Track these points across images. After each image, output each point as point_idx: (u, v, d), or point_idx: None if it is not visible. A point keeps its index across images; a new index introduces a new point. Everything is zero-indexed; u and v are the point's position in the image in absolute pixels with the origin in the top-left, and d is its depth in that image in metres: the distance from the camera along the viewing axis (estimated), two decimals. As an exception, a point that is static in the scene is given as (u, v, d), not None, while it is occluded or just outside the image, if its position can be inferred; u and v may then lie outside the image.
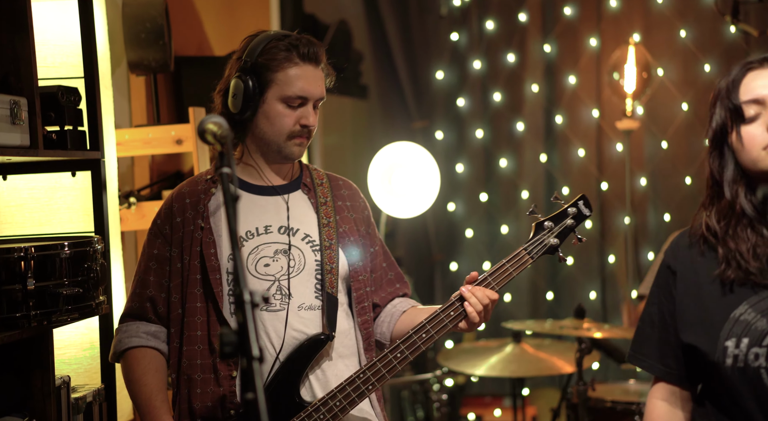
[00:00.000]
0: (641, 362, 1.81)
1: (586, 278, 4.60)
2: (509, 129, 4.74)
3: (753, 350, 1.62)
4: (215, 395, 1.95)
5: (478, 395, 4.82)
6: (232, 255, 1.95)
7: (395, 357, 1.95)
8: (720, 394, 1.68)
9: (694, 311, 1.71)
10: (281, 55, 1.97)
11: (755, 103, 1.65)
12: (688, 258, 1.74)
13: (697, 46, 4.43)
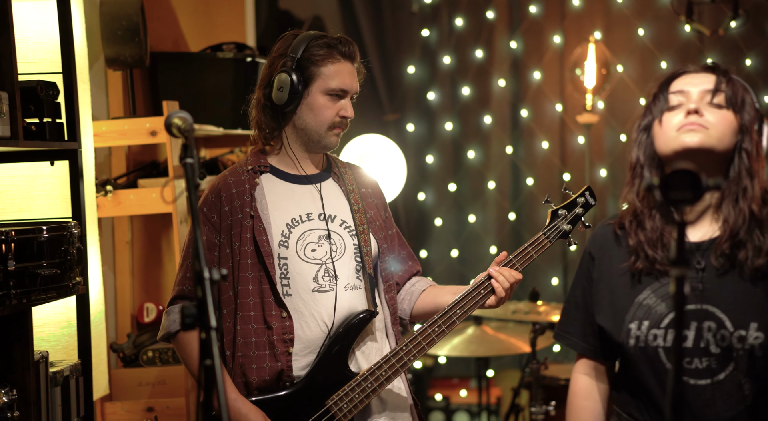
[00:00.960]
0: (566, 340, 1.99)
1: (548, 265, 4.79)
2: (477, 122, 4.92)
3: (652, 331, 1.78)
4: (273, 370, 2.12)
5: (446, 377, 5.00)
6: (282, 241, 2.16)
7: (433, 331, 2.15)
8: (629, 372, 1.85)
9: (606, 295, 1.88)
10: (324, 51, 2.18)
11: (680, 94, 1.81)
12: (606, 247, 1.90)
13: (654, 44, 4.63)
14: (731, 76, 1.82)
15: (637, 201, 1.85)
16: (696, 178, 1.33)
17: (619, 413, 1.90)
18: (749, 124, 1.78)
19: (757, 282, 1.74)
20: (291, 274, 2.16)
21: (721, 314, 1.74)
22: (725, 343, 1.73)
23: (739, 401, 1.73)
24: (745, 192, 1.76)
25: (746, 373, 1.73)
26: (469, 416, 4.88)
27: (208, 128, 3.12)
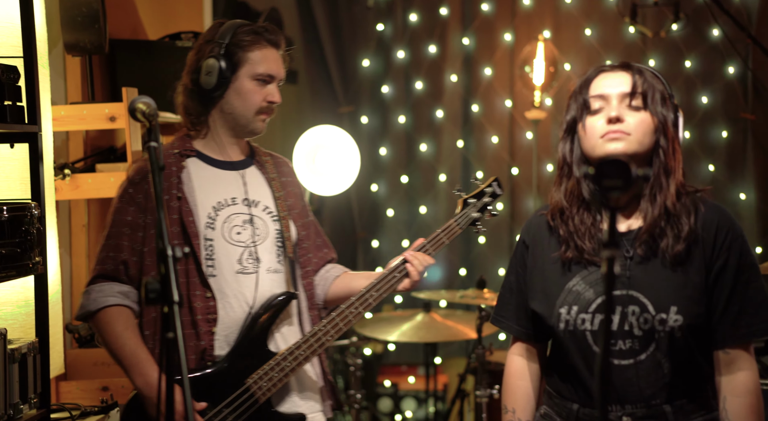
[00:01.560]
0: (501, 324, 2.09)
1: (496, 255, 4.95)
2: (429, 116, 5.04)
3: (581, 315, 1.90)
4: (196, 349, 2.18)
5: (395, 364, 5.13)
6: (208, 223, 2.22)
7: (350, 312, 2.24)
8: (560, 353, 1.96)
9: (539, 282, 1.98)
10: (252, 37, 2.25)
11: (600, 98, 1.90)
12: (539, 236, 2.00)
13: (600, 44, 4.80)
14: (645, 74, 1.91)
15: (565, 201, 1.95)
16: (625, 167, 1.45)
17: (550, 393, 2.02)
18: (665, 122, 1.89)
19: (677, 268, 1.86)
20: (216, 255, 2.22)
21: (645, 299, 1.86)
22: (647, 326, 1.86)
23: (659, 379, 1.86)
24: (661, 188, 1.88)
25: (666, 353, 1.86)
26: (416, 402, 5.01)
27: (167, 115, 3.17)
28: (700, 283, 1.87)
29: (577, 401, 1.92)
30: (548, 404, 2.01)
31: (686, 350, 1.87)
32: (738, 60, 4.63)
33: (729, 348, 1.88)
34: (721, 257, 1.87)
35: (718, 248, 1.87)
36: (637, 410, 1.87)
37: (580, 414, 1.91)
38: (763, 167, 4.62)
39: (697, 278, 1.87)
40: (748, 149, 4.64)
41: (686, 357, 1.87)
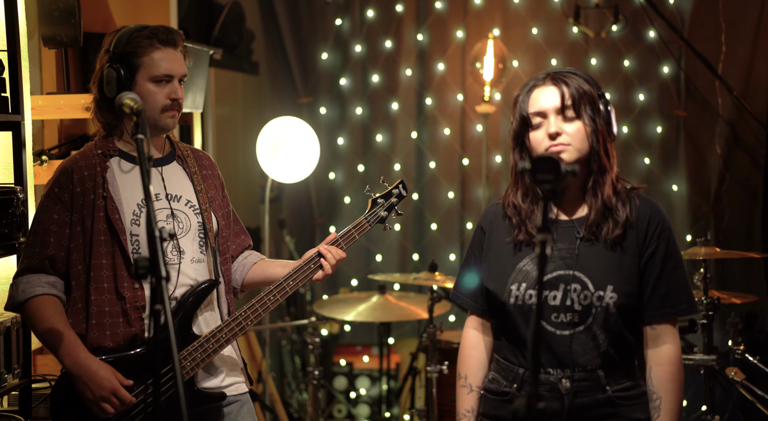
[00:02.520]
0: (459, 300, 2.34)
1: (447, 242, 5.22)
2: (385, 108, 5.28)
3: (528, 291, 2.16)
4: (127, 335, 2.34)
5: (350, 344, 5.37)
6: (134, 219, 2.37)
7: (269, 300, 2.44)
8: (510, 326, 2.22)
9: (493, 263, 2.24)
10: (145, 42, 2.35)
11: (538, 115, 2.16)
12: (495, 222, 2.27)
13: (546, 42, 5.08)
14: (571, 83, 2.15)
15: (520, 201, 2.22)
16: (555, 164, 1.71)
17: (497, 359, 2.28)
18: (596, 127, 2.14)
19: (615, 249, 2.14)
20: (142, 249, 2.37)
21: (586, 278, 2.13)
22: (587, 301, 2.13)
23: (594, 348, 2.13)
24: (600, 184, 2.15)
25: (601, 326, 2.13)
26: (370, 380, 5.27)
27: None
28: (633, 266, 2.14)
29: (523, 366, 2.19)
30: (496, 370, 2.27)
31: (618, 324, 2.14)
32: (672, 60, 4.95)
33: (656, 324, 2.16)
34: (651, 245, 2.15)
35: (649, 237, 2.15)
36: (574, 374, 2.13)
37: (524, 377, 2.18)
38: (694, 161, 4.96)
39: (631, 261, 2.14)
40: (680, 144, 4.97)
41: (618, 330, 2.15)
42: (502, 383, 2.23)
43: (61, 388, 2.35)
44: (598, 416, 2.14)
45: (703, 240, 3.65)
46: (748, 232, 4.88)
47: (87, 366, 2.29)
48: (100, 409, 2.30)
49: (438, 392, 3.90)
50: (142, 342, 2.36)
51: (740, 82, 4.82)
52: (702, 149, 4.93)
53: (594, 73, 5.00)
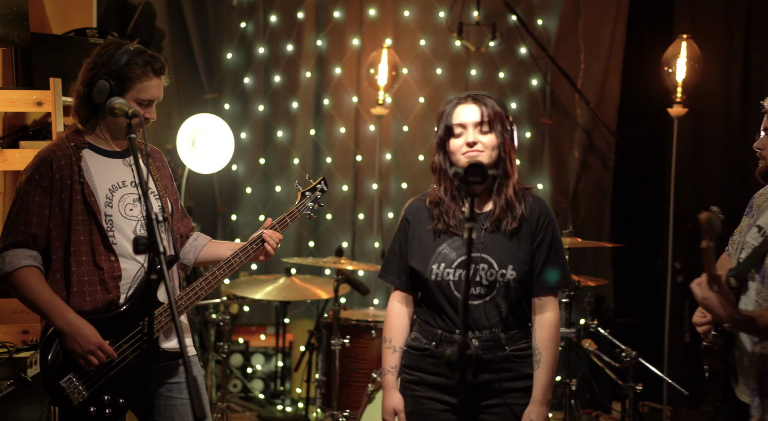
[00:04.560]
0: (387, 278, 2.82)
1: (340, 231, 5.73)
2: (286, 106, 5.72)
3: (446, 270, 2.68)
4: (105, 300, 2.72)
5: (247, 324, 5.80)
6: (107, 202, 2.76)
7: (220, 273, 2.88)
8: (431, 298, 2.74)
9: (417, 247, 2.74)
10: (139, 71, 2.74)
11: (460, 126, 2.68)
12: (419, 215, 2.77)
13: (432, 53, 5.69)
14: (488, 104, 2.68)
15: (443, 194, 2.73)
16: (483, 169, 2.28)
17: (419, 322, 2.79)
18: (504, 140, 2.69)
19: (513, 237, 2.69)
20: (115, 227, 2.78)
21: (491, 259, 2.67)
22: (492, 278, 2.66)
23: (497, 315, 2.67)
24: (504, 187, 2.70)
25: (503, 297, 2.66)
26: (264, 357, 5.72)
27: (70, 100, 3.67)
28: (527, 250, 2.70)
29: (440, 328, 2.71)
30: (418, 331, 2.78)
31: (516, 296, 2.69)
32: (539, 74, 5.67)
33: (542, 296, 2.72)
34: (540, 234, 2.71)
35: (539, 227, 2.71)
36: (482, 335, 2.67)
37: (442, 336, 2.70)
38: (556, 163, 5.70)
39: (525, 246, 2.70)
40: (545, 148, 5.70)
41: (516, 301, 2.69)
42: (423, 341, 2.73)
43: (51, 345, 2.70)
44: (497, 369, 2.67)
45: (568, 232, 4.34)
46: (599, 226, 5.69)
47: (76, 325, 2.67)
48: (87, 361, 2.68)
49: (341, 362, 4.41)
50: (117, 306, 2.75)
51: (595, 95, 5.60)
52: (563, 153, 5.68)
53: (473, 83, 5.66)
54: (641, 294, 5.62)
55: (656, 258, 5.52)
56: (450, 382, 2.66)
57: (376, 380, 4.13)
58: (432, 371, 2.70)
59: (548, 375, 2.67)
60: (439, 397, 2.69)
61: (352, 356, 4.62)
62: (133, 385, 2.76)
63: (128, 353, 2.75)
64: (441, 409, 2.69)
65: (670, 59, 5.11)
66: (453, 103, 2.72)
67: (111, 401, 2.72)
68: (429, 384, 2.70)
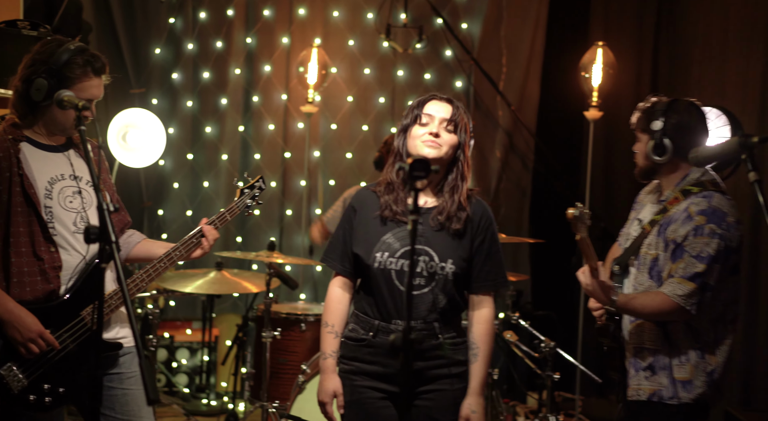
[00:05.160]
0: (330, 263, 2.90)
1: (268, 226, 5.80)
2: (215, 102, 5.75)
3: (389, 259, 2.78)
4: (46, 290, 2.75)
5: (173, 319, 5.80)
6: (46, 194, 2.78)
7: (160, 266, 2.92)
8: (370, 285, 2.83)
9: (363, 234, 2.83)
10: (79, 71, 2.75)
11: (428, 116, 2.77)
12: (365, 203, 2.86)
13: (361, 53, 5.81)
14: (460, 109, 2.80)
15: (394, 176, 2.83)
16: (427, 164, 2.41)
17: (357, 313, 2.89)
18: (464, 144, 2.80)
19: (455, 237, 2.80)
20: (55, 219, 2.80)
21: (433, 253, 2.77)
22: (432, 270, 2.77)
23: (433, 305, 2.78)
24: (457, 189, 2.80)
25: (441, 289, 2.78)
26: (189, 351, 5.74)
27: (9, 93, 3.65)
28: (468, 247, 2.81)
29: (378, 318, 2.81)
30: (355, 322, 2.87)
31: (453, 289, 2.81)
32: (464, 76, 5.87)
33: (480, 294, 2.85)
34: (480, 234, 2.83)
35: (480, 228, 2.82)
36: (417, 324, 2.78)
37: (379, 327, 2.80)
38: (479, 163, 5.90)
39: (466, 244, 2.81)
40: (469, 148, 5.91)
41: (452, 293, 2.81)
42: (360, 332, 2.83)
43: None
44: (431, 357, 2.79)
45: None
46: (518, 223, 5.93)
47: (17, 313, 2.69)
48: (27, 349, 2.70)
49: (272, 354, 4.49)
50: (57, 297, 2.77)
51: (516, 98, 5.84)
52: (485, 153, 5.89)
53: (400, 83, 5.81)
54: (557, 288, 5.89)
55: (572, 254, 5.80)
56: (387, 371, 2.76)
57: (306, 372, 4.23)
58: (369, 360, 2.79)
59: (485, 368, 2.81)
60: (376, 385, 2.79)
61: (282, 348, 4.70)
62: (73, 374, 2.79)
63: (69, 343, 2.77)
64: (378, 397, 2.78)
65: (586, 65, 5.37)
66: (428, 97, 2.82)
67: (51, 390, 2.75)
68: (366, 373, 2.79)
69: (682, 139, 2.86)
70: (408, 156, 2.77)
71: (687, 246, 2.76)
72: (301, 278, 5.62)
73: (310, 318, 4.73)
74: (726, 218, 2.78)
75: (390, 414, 2.77)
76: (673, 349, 2.84)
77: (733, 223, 2.78)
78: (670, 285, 2.77)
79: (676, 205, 2.85)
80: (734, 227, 2.78)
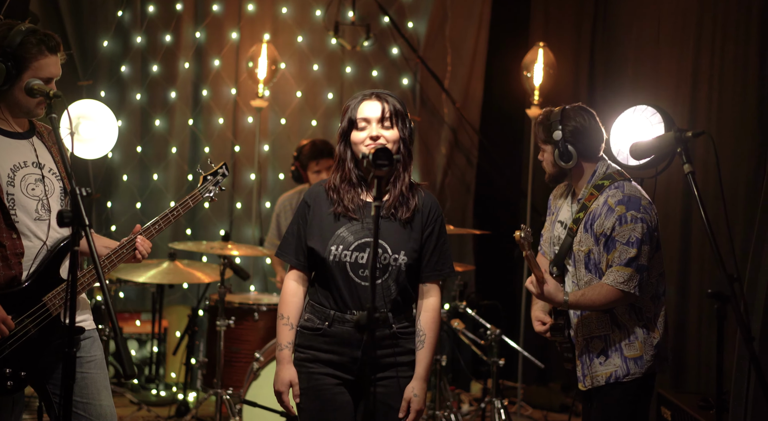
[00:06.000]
0: (284, 257, 2.97)
1: (218, 219, 5.86)
2: (164, 96, 5.78)
3: (344, 252, 2.86)
4: (8, 277, 2.78)
5: (122, 310, 5.81)
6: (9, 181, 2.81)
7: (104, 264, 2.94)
8: (325, 277, 2.91)
9: (317, 229, 2.91)
10: (35, 49, 2.78)
11: (364, 121, 2.86)
12: (319, 199, 2.93)
13: (310, 50, 5.92)
14: (390, 101, 2.88)
15: (338, 181, 2.90)
16: (390, 153, 2.55)
17: (312, 304, 2.96)
18: (404, 136, 2.89)
19: (406, 226, 2.89)
20: (17, 206, 2.83)
21: (386, 245, 2.87)
22: (386, 262, 2.86)
23: (388, 295, 2.88)
24: (400, 179, 2.90)
25: (394, 280, 2.87)
26: (138, 343, 5.76)
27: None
28: (418, 239, 2.91)
29: (333, 309, 2.89)
30: (311, 312, 2.93)
31: (405, 280, 2.91)
32: (410, 74, 6.03)
33: (428, 283, 2.94)
34: (429, 226, 2.93)
35: (429, 220, 2.93)
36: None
37: (335, 316, 2.87)
38: (425, 159, 6.07)
39: (416, 236, 2.91)
40: (415, 144, 6.02)
41: (405, 284, 2.91)
42: (316, 321, 2.90)
43: None
44: (385, 345, 2.88)
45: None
46: (463, 218, 6.12)
47: None
48: None
49: (226, 342, 4.58)
50: (19, 283, 2.81)
51: (461, 96, 6.02)
52: (431, 149, 6.06)
53: (348, 80, 5.94)
54: (500, 279, 6.10)
55: (514, 247, 6.01)
56: (342, 359, 2.84)
57: (260, 359, 4.33)
58: (325, 349, 2.86)
59: (430, 355, 2.91)
60: (332, 372, 2.86)
61: (235, 337, 4.79)
62: (35, 359, 2.84)
63: (30, 328, 2.82)
64: (334, 383, 2.85)
65: (528, 64, 5.59)
66: (358, 99, 2.89)
67: (13, 374, 2.79)
68: (322, 361, 2.86)
69: (581, 142, 3.08)
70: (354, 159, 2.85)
71: (617, 236, 2.98)
72: (252, 270, 5.70)
73: (263, 308, 4.83)
74: (641, 201, 3.02)
75: (345, 400, 2.85)
76: (622, 330, 3.07)
77: (647, 205, 3.04)
78: (611, 275, 2.99)
79: (593, 200, 3.08)
80: (649, 208, 3.04)
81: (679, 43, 4.88)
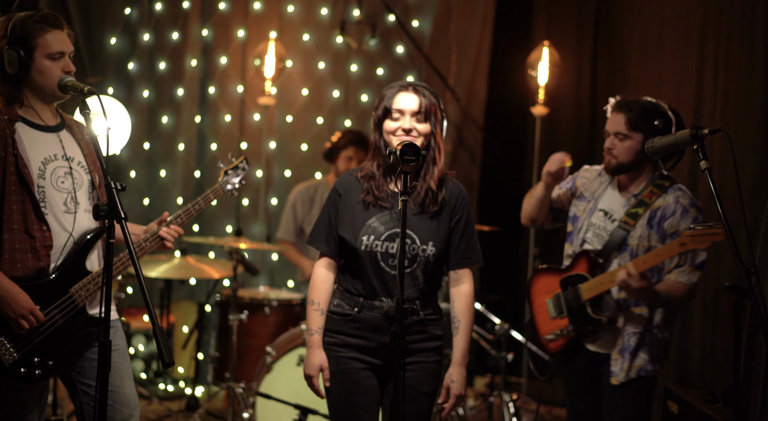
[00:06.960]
0: (315, 245, 3.03)
1: (224, 215, 5.90)
2: (171, 93, 5.82)
3: (375, 242, 2.93)
4: (36, 268, 2.83)
5: (129, 306, 5.83)
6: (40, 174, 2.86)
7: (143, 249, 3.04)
8: (356, 266, 2.97)
9: (348, 218, 2.97)
10: (37, 26, 2.85)
11: (399, 112, 2.92)
12: (350, 188, 2.99)
13: (316, 48, 5.97)
14: (426, 95, 2.94)
15: (375, 169, 2.98)
16: (417, 149, 2.61)
17: (342, 290, 3.04)
18: (435, 129, 2.95)
19: (434, 217, 2.97)
20: (47, 199, 2.89)
21: (415, 236, 2.93)
22: (414, 252, 2.93)
23: (416, 284, 2.95)
24: (429, 172, 2.96)
25: (422, 270, 2.94)
26: (146, 338, 5.80)
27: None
28: (446, 229, 2.98)
29: (362, 296, 2.97)
30: (340, 298, 3.02)
31: (433, 269, 2.98)
32: (415, 72, 6.08)
33: (458, 270, 3.02)
34: (457, 215, 3.00)
35: (457, 209, 3.00)
36: None
37: (364, 304, 2.96)
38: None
39: (444, 226, 2.98)
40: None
41: (432, 273, 2.99)
42: (346, 307, 2.99)
43: None
44: (413, 332, 2.96)
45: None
46: (466, 213, 6.18)
47: (9, 289, 2.77)
48: (18, 325, 2.79)
49: (239, 336, 4.63)
50: (47, 274, 2.87)
51: (465, 94, 6.08)
52: (436, 146, 6.11)
53: (354, 78, 5.99)
54: (506, 275, 6.17)
55: (519, 243, 6.09)
56: (370, 344, 2.92)
57: (272, 354, 4.39)
58: (354, 334, 2.94)
59: (466, 340, 2.99)
60: (360, 357, 2.94)
61: (245, 332, 4.84)
62: (61, 349, 2.89)
63: (57, 319, 2.87)
64: (362, 367, 2.94)
65: (533, 63, 5.65)
66: (395, 89, 2.94)
67: (40, 363, 2.85)
68: (351, 346, 2.94)
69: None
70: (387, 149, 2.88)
71: None
72: (260, 265, 5.75)
73: (273, 303, 4.88)
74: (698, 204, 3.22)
75: (372, 384, 2.93)
76: (652, 329, 3.23)
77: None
78: (685, 274, 3.15)
79: (656, 199, 3.19)
80: None
81: (683, 44, 4.93)
